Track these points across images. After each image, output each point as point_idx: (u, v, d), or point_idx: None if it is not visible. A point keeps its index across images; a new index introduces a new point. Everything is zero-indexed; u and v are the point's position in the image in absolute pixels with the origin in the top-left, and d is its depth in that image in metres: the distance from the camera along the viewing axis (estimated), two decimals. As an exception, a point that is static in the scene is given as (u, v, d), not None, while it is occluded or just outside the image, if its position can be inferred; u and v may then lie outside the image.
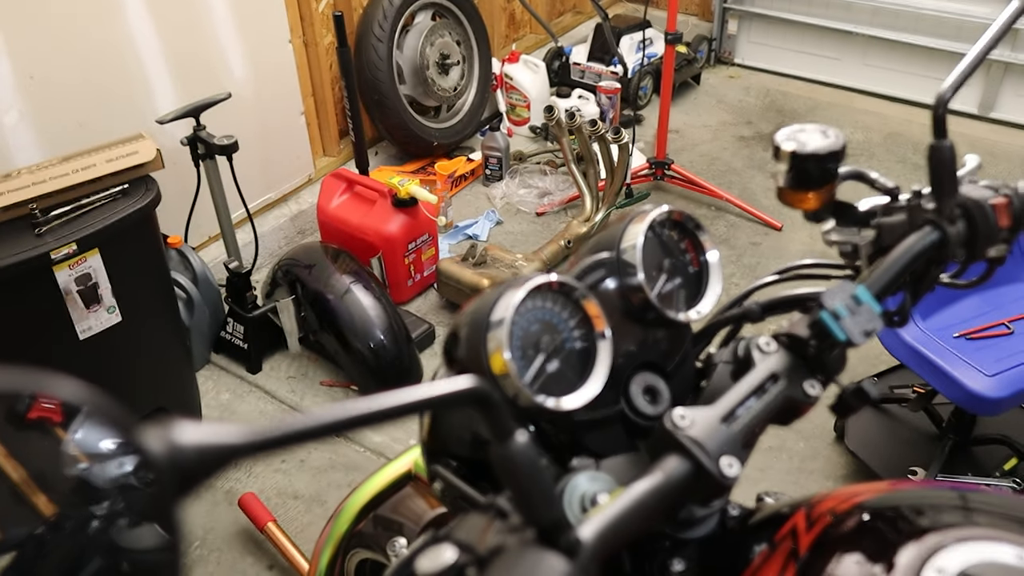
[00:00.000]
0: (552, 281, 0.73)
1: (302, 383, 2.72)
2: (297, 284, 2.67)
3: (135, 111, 2.62)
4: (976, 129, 4.08)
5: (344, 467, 2.42)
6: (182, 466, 0.35)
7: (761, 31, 4.68)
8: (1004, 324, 2.30)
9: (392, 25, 3.38)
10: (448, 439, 0.78)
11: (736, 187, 3.65)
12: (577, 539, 0.51)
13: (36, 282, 1.98)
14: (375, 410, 0.42)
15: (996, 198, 0.78)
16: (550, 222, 3.51)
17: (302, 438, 0.39)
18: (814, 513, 0.72)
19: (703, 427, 0.63)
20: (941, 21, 4.10)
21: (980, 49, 0.78)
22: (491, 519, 0.53)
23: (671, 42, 3.36)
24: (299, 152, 3.35)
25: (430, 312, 3.01)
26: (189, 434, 0.35)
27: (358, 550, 1.14)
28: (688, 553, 0.72)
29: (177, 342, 2.45)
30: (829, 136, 0.78)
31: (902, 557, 0.63)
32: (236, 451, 0.37)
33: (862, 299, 0.68)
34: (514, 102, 4.06)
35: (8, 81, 2.31)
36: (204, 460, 0.36)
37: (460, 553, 0.51)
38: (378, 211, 2.90)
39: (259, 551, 2.19)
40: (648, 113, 4.26)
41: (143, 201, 2.13)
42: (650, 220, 0.79)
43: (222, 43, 2.85)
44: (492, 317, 0.70)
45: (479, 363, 0.70)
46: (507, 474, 0.49)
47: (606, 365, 0.73)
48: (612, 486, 0.66)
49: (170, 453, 0.34)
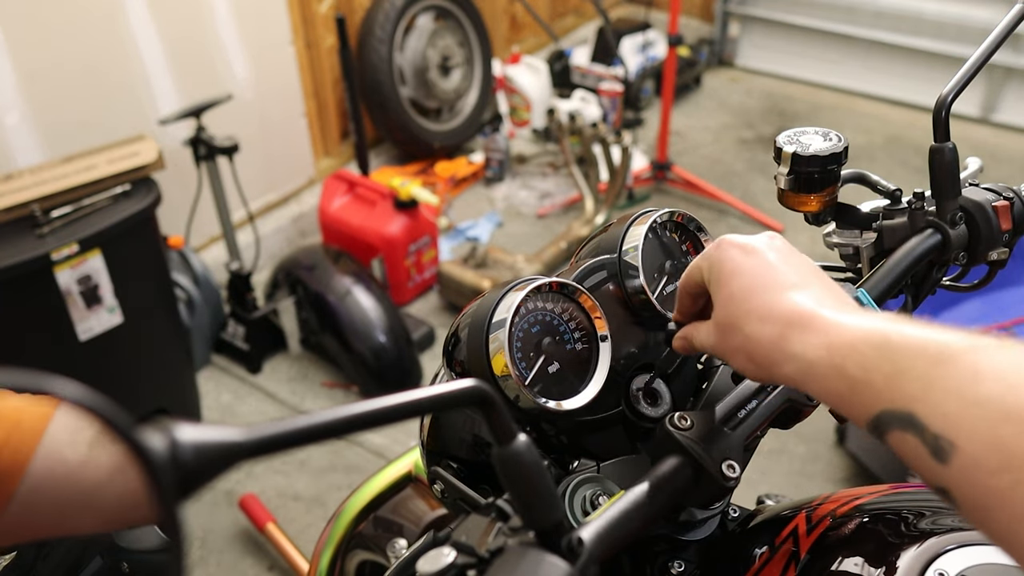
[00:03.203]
0: (553, 282, 0.73)
1: (303, 384, 2.72)
2: (298, 285, 2.67)
3: (137, 112, 2.62)
4: (978, 132, 4.08)
5: (344, 468, 2.42)
6: (183, 468, 0.35)
7: (763, 34, 4.69)
8: (1005, 328, 2.29)
9: (394, 27, 3.38)
10: (448, 441, 0.78)
11: (737, 189, 3.65)
12: (578, 541, 0.51)
13: (37, 283, 1.98)
14: (377, 412, 0.42)
15: (998, 201, 0.78)
16: (551, 224, 3.51)
17: (304, 440, 0.39)
18: (815, 516, 0.72)
19: (704, 430, 0.63)
20: (943, 25, 4.11)
21: (982, 53, 0.78)
22: (492, 521, 0.53)
23: (673, 44, 3.37)
24: (300, 153, 3.35)
25: (431, 314, 3.01)
26: (190, 435, 0.35)
27: (358, 551, 1.14)
28: (689, 555, 0.72)
29: (178, 343, 2.45)
30: (830, 139, 0.78)
31: (903, 560, 0.63)
32: (237, 452, 0.37)
33: (863, 301, 0.68)
34: (515, 104, 4.06)
35: (10, 82, 2.31)
36: (205, 462, 0.35)
37: (460, 555, 0.51)
38: (379, 213, 2.90)
39: (259, 552, 2.19)
40: (649, 115, 4.26)
41: (144, 202, 2.13)
42: (651, 222, 0.79)
43: (224, 44, 2.85)
44: (493, 318, 0.70)
45: (480, 364, 0.70)
46: (508, 476, 0.49)
47: (606, 367, 0.73)
48: (613, 488, 0.66)
49: (171, 454, 0.34)
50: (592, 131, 3.18)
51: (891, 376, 0.48)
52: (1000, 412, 0.42)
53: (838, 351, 0.51)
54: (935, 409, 0.45)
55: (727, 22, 4.72)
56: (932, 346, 0.47)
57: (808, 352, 0.53)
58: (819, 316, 0.54)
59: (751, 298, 0.58)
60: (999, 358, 0.45)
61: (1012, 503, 0.41)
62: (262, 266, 2.98)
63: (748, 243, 0.62)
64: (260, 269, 2.91)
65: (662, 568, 0.72)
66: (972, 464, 0.43)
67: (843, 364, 0.51)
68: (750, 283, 0.59)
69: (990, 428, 0.42)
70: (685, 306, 0.68)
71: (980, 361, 0.45)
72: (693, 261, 0.66)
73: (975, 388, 0.44)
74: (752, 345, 0.57)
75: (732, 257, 0.61)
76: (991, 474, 0.42)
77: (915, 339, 0.48)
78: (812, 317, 0.54)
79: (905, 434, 0.46)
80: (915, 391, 0.46)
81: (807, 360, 0.53)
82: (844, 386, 0.50)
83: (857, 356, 0.50)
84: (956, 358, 0.46)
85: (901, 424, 0.46)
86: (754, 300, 0.58)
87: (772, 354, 0.55)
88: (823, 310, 0.54)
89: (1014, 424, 0.42)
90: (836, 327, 0.53)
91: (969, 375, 0.45)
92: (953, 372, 0.45)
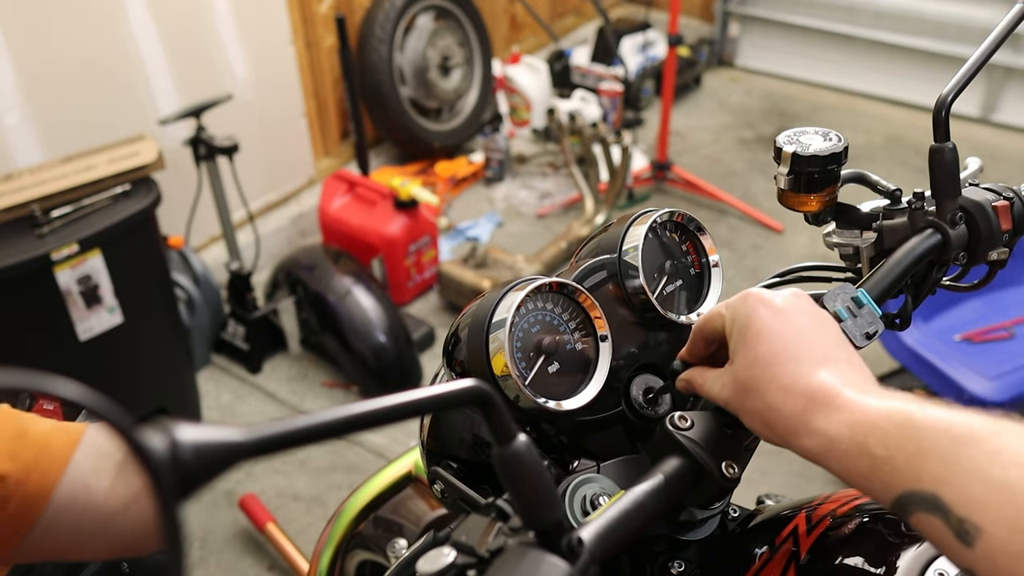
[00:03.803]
0: (553, 282, 0.73)
1: (303, 384, 2.72)
2: (298, 285, 2.67)
3: (137, 112, 2.62)
4: (978, 132, 4.08)
5: (344, 468, 2.42)
6: (183, 468, 0.35)
7: (763, 34, 4.69)
8: (1005, 328, 2.30)
9: (394, 27, 3.38)
10: (448, 441, 0.78)
11: (737, 189, 3.65)
12: (578, 541, 0.51)
13: (37, 283, 1.98)
14: (377, 412, 0.42)
15: (998, 201, 0.78)
16: (551, 224, 3.51)
17: (304, 440, 0.39)
18: (815, 516, 0.72)
19: (704, 430, 0.63)
20: (943, 25, 4.11)
21: (982, 53, 0.78)
22: (492, 521, 0.53)
23: (673, 44, 3.37)
24: (300, 153, 3.35)
25: (431, 313, 3.01)
26: (190, 435, 0.35)
27: (358, 551, 1.14)
28: (689, 555, 0.72)
29: (178, 343, 2.45)
30: (830, 139, 0.78)
31: (903, 560, 0.63)
32: (237, 452, 0.37)
33: (863, 301, 0.68)
34: (515, 104, 4.06)
35: (10, 81, 2.31)
36: (205, 462, 0.35)
37: (460, 555, 0.51)
38: (379, 213, 2.90)
39: (259, 552, 2.19)
40: (649, 115, 4.26)
41: (144, 202, 2.13)
42: (651, 222, 0.79)
43: (224, 44, 2.85)
44: (493, 318, 0.70)
45: (480, 364, 0.70)
46: (508, 476, 0.49)
47: (606, 367, 0.73)
48: (613, 488, 0.66)
49: (171, 454, 0.34)
50: (592, 131, 3.18)
51: (915, 455, 0.48)
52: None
53: (861, 429, 0.51)
54: (959, 492, 0.45)
55: (727, 22, 4.72)
56: (956, 427, 0.47)
57: (831, 429, 0.53)
58: (844, 395, 0.54)
59: (777, 366, 0.57)
60: (1022, 441, 0.45)
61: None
62: (262, 266, 2.98)
63: (777, 303, 0.61)
64: (260, 269, 2.91)
65: (662, 568, 0.72)
66: (998, 548, 0.43)
67: (866, 442, 0.51)
68: (778, 349, 0.58)
69: (1016, 512, 0.42)
70: (698, 349, 0.68)
71: (1004, 444, 0.45)
72: (714, 308, 0.65)
73: (1001, 472, 0.44)
74: (772, 414, 0.57)
75: (760, 316, 0.60)
76: (1018, 558, 0.42)
77: (939, 419, 0.48)
78: (837, 395, 0.54)
79: (930, 516, 0.46)
80: (939, 472, 0.46)
81: (829, 437, 0.53)
82: (866, 465, 0.50)
83: (880, 434, 0.50)
84: (980, 440, 0.46)
85: (926, 506, 0.46)
86: (780, 369, 0.57)
87: (793, 426, 0.55)
88: (848, 389, 0.55)
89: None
90: (861, 406, 0.53)
91: (994, 458, 0.45)
92: (977, 454, 0.45)
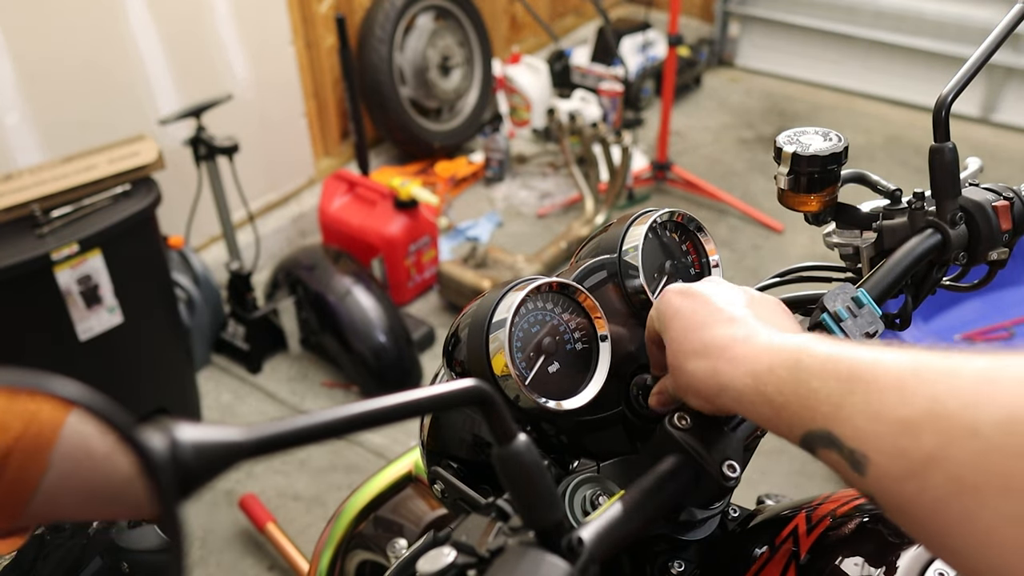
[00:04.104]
0: (553, 282, 0.73)
1: (303, 384, 2.72)
2: (298, 285, 2.67)
3: (137, 112, 2.62)
4: (978, 132, 4.08)
5: (344, 468, 2.42)
6: (183, 467, 0.35)
7: (763, 34, 4.69)
8: (1005, 328, 2.30)
9: (394, 27, 3.38)
10: (448, 441, 0.78)
11: (737, 189, 3.65)
12: (578, 541, 0.51)
13: (37, 283, 1.98)
14: (377, 412, 0.42)
15: (998, 201, 0.78)
16: (551, 224, 3.51)
17: (304, 440, 0.39)
18: (815, 516, 0.72)
19: (704, 430, 0.63)
20: (943, 25, 4.11)
21: (982, 53, 0.78)
22: (492, 521, 0.53)
23: (673, 44, 3.37)
24: (300, 153, 3.35)
25: (431, 314, 3.01)
26: (190, 435, 0.35)
27: (358, 551, 1.14)
28: (689, 555, 0.72)
29: (178, 343, 2.45)
30: (830, 139, 0.78)
31: (903, 560, 0.63)
32: (237, 452, 0.37)
33: (863, 301, 0.68)
34: (515, 104, 4.07)
35: (10, 81, 2.31)
36: (205, 461, 0.35)
37: (460, 554, 0.51)
38: (379, 213, 2.90)
39: (259, 552, 2.19)
40: (649, 115, 4.26)
41: (144, 202, 2.13)
42: (651, 222, 0.79)
43: (224, 44, 2.85)
44: (493, 318, 0.70)
45: (480, 364, 0.70)
46: (508, 476, 0.49)
47: (606, 367, 0.73)
48: (613, 488, 0.66)
49: (171, 454, 0.34)
50: (592, 131, 3.18)
51: (806, 398, 0.50)
52: (898, 424, 0.45)
53: (760, 378, 0.54)
54: (846, 426, 0.48)
55: (727, 22, 4.72)
56: (841, 365, 0.49)
57: (736, 382, 0.55)
58: (739, 346, 0.56)
59: (688, 336, 0.61)
60: (896, 368, 0.47)
61: (920, 507, 0.43)
62: (262, 266, 2.98)
63: (687, 288, 0.65)
64: (260, 269, 2.91)
65: (662, 568, 0.72)
66: (884, 474, 0.45)
67: (765, 390, 0.53)
68: (687, 323, 0.62)
69: (892, 440, 0.45)
70: (655, 358, 0.70)
71: (879, 375, 0.47)
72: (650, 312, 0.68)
73: (878, 403, 0.46)
74: (695, 381, 0.59)
75: (672, 302, 0.64)
76: (899, 481, 0.44)
77: (825, 358, 0.51)
78: (731, 347, 0.57)
79: (829, 451, 0.49)
80: (828, 411, 0.49)
81: (736, 389, 0.55)
82: (770, 411, 0.53)
83: (776, 381, 0.52)
84: (861, 375, 0.48)
85: (824, 443, 0.49)
86: (690, 338, 0.61)
87: (712, 388, 0.58)
88: (745, 340, 0.57)
89: (911, 435, 0.44)
90: (756, 353, 0.55)
91: (872, 390, 0.47)
92: (858, 388, 0.47)
